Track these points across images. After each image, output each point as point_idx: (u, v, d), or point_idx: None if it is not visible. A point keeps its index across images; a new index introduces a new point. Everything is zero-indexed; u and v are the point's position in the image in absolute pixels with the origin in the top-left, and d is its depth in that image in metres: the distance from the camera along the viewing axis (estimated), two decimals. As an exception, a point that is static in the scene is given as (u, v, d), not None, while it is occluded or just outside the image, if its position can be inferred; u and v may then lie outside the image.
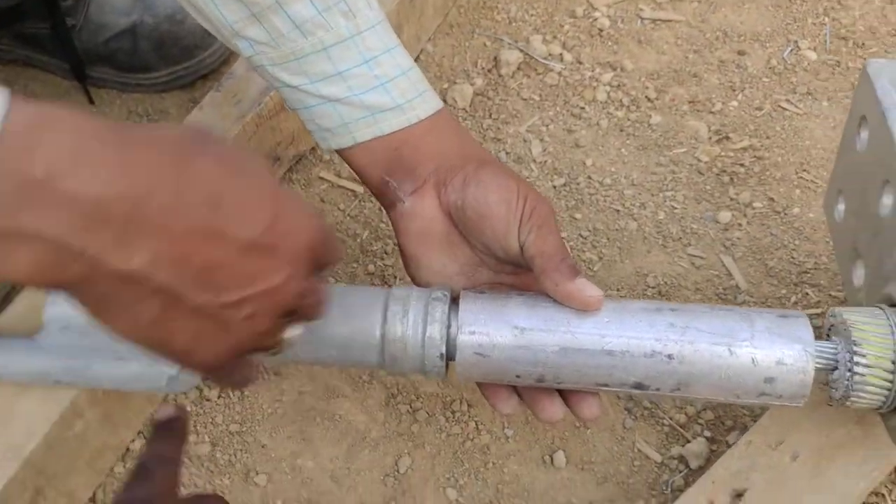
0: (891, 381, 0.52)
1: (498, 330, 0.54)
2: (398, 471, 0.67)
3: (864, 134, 0.64)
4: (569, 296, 0.53)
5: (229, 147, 0.41)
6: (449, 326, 0.54)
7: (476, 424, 0.69)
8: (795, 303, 0.76)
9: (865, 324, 0.53)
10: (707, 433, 0.68)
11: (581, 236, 0.81)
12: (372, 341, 0.56)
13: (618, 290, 0.77)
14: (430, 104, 0.60)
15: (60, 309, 0.58)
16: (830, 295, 0.76)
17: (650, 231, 0.81)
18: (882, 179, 0.60)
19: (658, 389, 0.54)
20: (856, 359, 0.52)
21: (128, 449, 0.67)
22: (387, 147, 0.59)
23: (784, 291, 0.77)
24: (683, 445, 0.68)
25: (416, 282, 0.60)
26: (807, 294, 0.76)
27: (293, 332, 0.46)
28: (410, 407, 0.70)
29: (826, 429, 0.62)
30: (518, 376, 0.55)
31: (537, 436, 0.69)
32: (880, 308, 0.54)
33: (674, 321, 0.53)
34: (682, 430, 0.69)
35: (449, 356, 0.55)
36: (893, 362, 0.52)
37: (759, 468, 0.61)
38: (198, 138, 0.39)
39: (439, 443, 0.68)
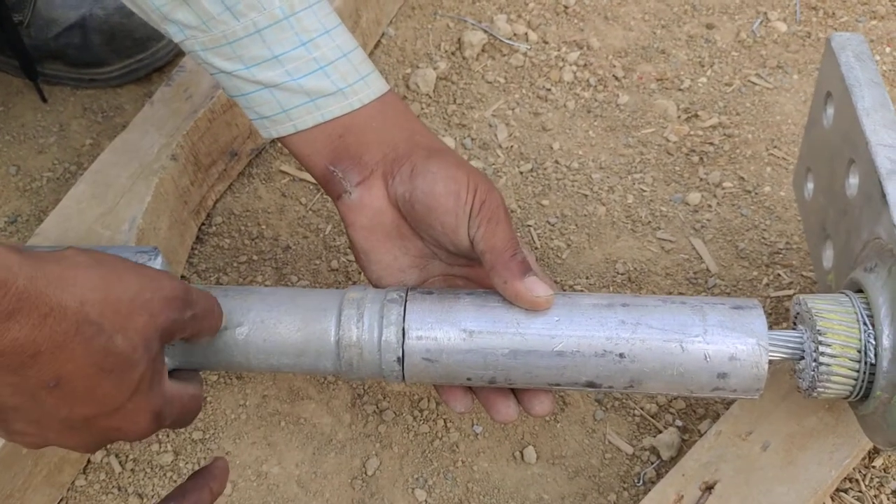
0: (857, 371, 0.51)
1: (446, 334, 0.52)
2: (366, 473, 0.66)
3: (830, 110, 0.62)
4: (517, 295, 0.51)
5: (122, 336, 0.43)
6: (404, 329, 0.53)
7: (445, 422, 0.68)
8: (767, 284, 0.74)
9: (830, 312, 0.51)
10: (678, 422, 0.67)
11: (549, 223, 0.80)
12: (327, 347, 0.54)
13: (587, 277, 0.76)
14: (373, 88, 0.57)
15: None
16: (802, 275, 0.75)
17: (619, 216, 0.80)
18: (848, 158, 0.58)
19: (611, 387, 0.52)
20: (821, 349, 0.51)
21: (89, 461, 0.66)
22: (329, 134, 0.56)
23: (755, 273, 0.75)
24: (655, 436, 0.67)
25: (368, 275, 0.58)
26: (779, 275, 0.75)
27: None
28: (377, 407, 0.69)
29: (797, 417, 0.61)
30: (469, 378, 0.53)
31: (507, 432, 0.68)
32: (846, 295, 0.53)
33: (625, 318, 0.52)
34: (653, 421, 0.68)
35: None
36: (859, 351, 0.50)
37: (728, 459, 0.60)
38: (94, 323, 0.41)
39: (407, 442, 0.67)
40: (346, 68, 0.56)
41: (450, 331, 0.53)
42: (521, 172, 0.83)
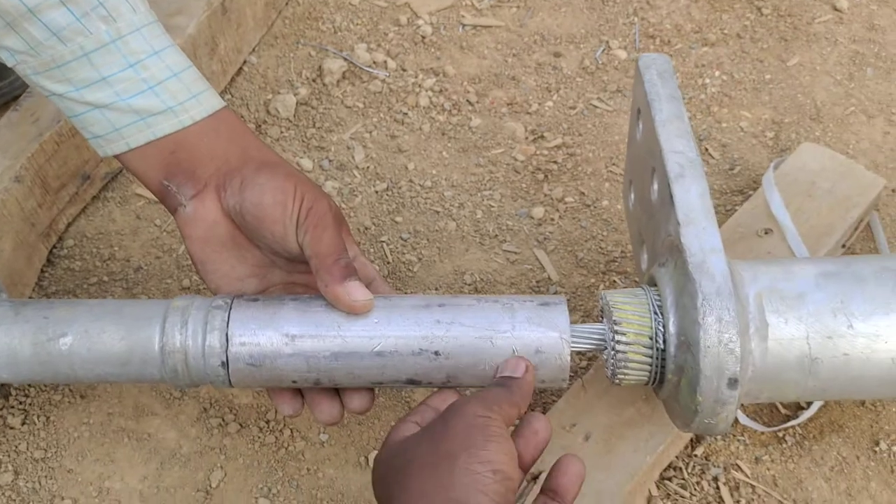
0: (650, 357, 0.55)
1: (269, 339, 0.54)
2: (210, 485, 0.66)
3: (640, 125, 0.68)
4: (336, 298, 0.54)
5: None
6: (227, 335, 0.55)
7: (291, 432, 0.69)
8: (604, 290, 0.79)
9: (625, 304, 0.56)
10: (517, 422, 0.70)
11: (402, 239, 0.83)
12: (151, 354, 0.55)
13: (436, 288, 0.79)
14: (205, 105, 0.59)
15: None
16: (636, 281, 0.79)
17: (468, 230, 0.83)
18: (651, 167, 0.63)
19: (430, 383, 0.55)
20: (617, 338, 0.55)
21: None
22: (162, 151, 0.58)
23: (593, 280, 0.80)
24: (494, 436, 0.69)
25: (209, 286, 0.60)
26: (614, 282, 0.80)
27: None
28: (223, 420, 0.69)
29: (616, 409, 0.65)
30: (294, 381, 0.55)
31: (353, 438, 0.69)
32: (642, 288, 0.57)
33: (440, 317, 0.55)
34: (493, 421, 0.70)
35: None
36: (651, 338, 0.55)
37: (554, 450, 0.63)
38: None
39: (252, 453, 0.68)
40: (177, 87, 0.58)
41: (273, 336, 0.55)
42: (377, 192, 0.86)
